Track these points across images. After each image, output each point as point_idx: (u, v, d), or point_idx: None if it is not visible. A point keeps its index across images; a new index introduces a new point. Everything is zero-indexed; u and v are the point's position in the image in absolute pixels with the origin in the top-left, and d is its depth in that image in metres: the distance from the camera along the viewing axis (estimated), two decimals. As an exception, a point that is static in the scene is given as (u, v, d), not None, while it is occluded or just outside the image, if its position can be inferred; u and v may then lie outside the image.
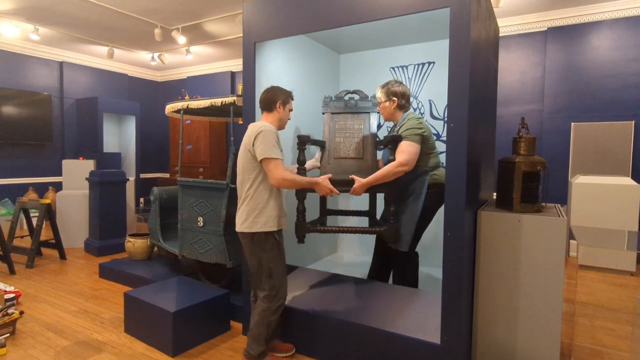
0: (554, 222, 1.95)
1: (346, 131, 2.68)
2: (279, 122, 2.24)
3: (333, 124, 2.72)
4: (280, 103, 2.23)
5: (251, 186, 2.11)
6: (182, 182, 3.10)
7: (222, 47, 6.26)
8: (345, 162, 2.59)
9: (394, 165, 2.29)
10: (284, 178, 2.05)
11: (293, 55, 3.06)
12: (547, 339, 1.98)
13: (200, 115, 3.73)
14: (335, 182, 2.33)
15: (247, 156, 2.11)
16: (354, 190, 2.32)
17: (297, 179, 2.15)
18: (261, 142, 2.03)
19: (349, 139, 2.66)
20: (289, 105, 2.29)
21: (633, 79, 4.42)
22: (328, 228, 2.53)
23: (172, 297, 2.54)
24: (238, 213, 2.17)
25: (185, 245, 3.10)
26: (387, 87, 2.56)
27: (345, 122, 2.70)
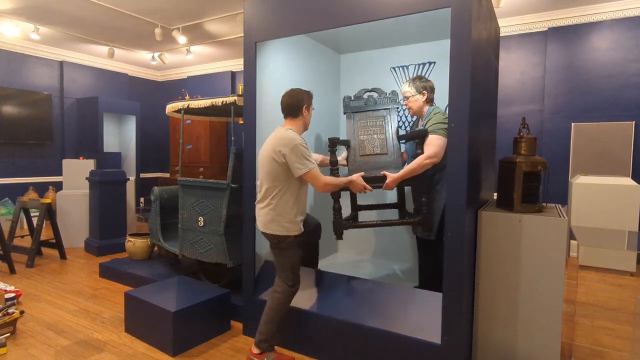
0: (554, 222, 1.95)
1: (368, 129, 2.76)
2: (304, 127, 2.29)
3: (355, 123, 2.79)
4: (305, 107, 2.26)
5: (278, 193, 2.15)
6: (183, 181, 3.10)
7: (222, 47, 6.26)
8: (371, 159, 2.67)
9: (423, 158, 2.36)
10: (327, 183, 2.18)
11: (294, 55, 3.06)
12: (547, 339, 1.98)
13: (201, 115, 3.73)
14: (366, 179, 2.41)
15: (274, 165, 2.12)
16: (387, 186, 2.42)
17: (336, 182, 2.28)
18: (296, 159, 2.07)
19: (372, 136, 2.73)
20: (311, 106, 2.32)
21: (633, 79, 4.42)
22: (364, 223, 2.65)
23: (172, 296, 2.54)
24: (262, 212, 2.21)
25: (186, 245, 3.10)
26: (417, 82, 2.61)
27: (366, 120, 2.79)
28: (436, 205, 2.53)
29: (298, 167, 2.07)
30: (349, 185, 2.35)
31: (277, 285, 2.25)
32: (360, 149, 2.74)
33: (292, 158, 2.07)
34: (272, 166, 2.13)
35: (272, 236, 2.18)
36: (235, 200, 2.86)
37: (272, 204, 2.16)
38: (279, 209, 2.15)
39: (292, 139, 2.09)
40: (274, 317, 2.22)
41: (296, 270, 2.26)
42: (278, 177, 2.13)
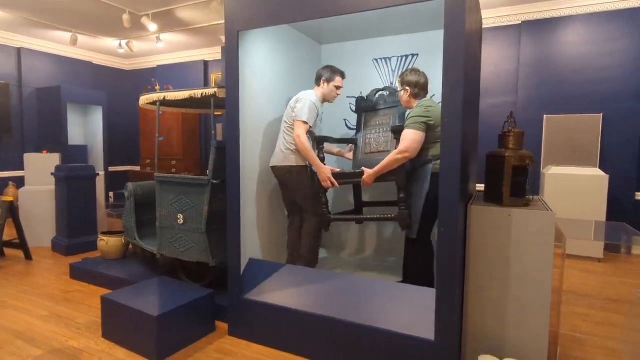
0: (543, 215, 1.98)
1: (375, 127, 2.87)
2: (322, 96, 2.86)
3: (365, 122, 2.94)
4: (324, 80, 2.83)
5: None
6: (160, 177, 2.95)
7: (195, 35, 6.01)
8: (373, 157, 2.76)
9: (395, 153, 2.38)
10: (302, 142, 2.65)
11: (276, 46, 2.96)
12: (536, 329, 2.02)
13: (178, 107, 3.56)
14: (345, 174, 2.62)
15: (292, 118, 2.75)
16: (364, 182, 2.53)
17: (307, 148, 2.66)
18: (300, 107, 2.69)
19: (378, 134, 2.84)
20: (334, 82, 2.84)
21: (601, 73, 4.57)
22: (347, 217, 2.84)
23: (154, 299, 2.42)
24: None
25: (165, 244, 2.97)
26: (402, 77, 2.60)
27: (375, 119, 2.90)
28: (416, 202, 2.49)
29: (297, 113, 2.67)
30: (317, 171, 2.69)
31: (309, 218, 2.83)
32: (366, 147, 2.85)
33: (299, 106, 2.69)
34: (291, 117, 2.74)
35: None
36: (217, 196, 2.75)
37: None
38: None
39: (307, 97, 2.72)
40: (313, 244, 2.87)
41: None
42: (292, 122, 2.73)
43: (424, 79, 2.58)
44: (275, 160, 2.84)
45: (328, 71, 2.83)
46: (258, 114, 2.79)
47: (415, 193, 2.49)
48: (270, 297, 2.43)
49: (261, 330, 2.40)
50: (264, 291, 2.48)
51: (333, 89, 2.84)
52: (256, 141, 2.80)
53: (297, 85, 3.25)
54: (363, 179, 2.51)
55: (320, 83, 2.84)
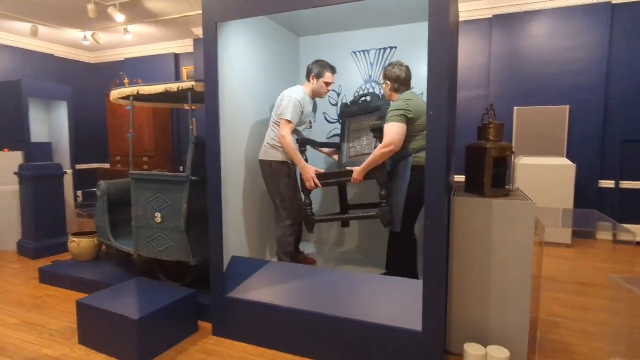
0: (524, 205, 2.03)
1: (360, 131, 2.87)
2: (312, 92, 2.84)
3: (349, 126, 2.96)
4: (313, 76, 2.79)
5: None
6: (136, 175, 2.84)
7: (165, 27, 5.80)
8: (358, 160, 2.76)
9: (379, 148, 2.38)
10: (288, 142, 2.64)
11: (254, 38, 2.89)
12: (517, 316, 2.08)
13: (152, 102, 3.42)
14: (335, 174, 2.66)
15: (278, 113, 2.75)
16: (354, 179, 2.53)
17: (292, 147, 2.66)
18: (285, 106, 2.68)
19: (362, 138, 2.85)
20: (324, 78, 2.79)
21: (567, 66, 4.74)
22: (331, 218, 2.86)
23: (133, 302, 2.33)
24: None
25: (142, 244, 2.86)
26: (385, 71, 2.60)
27: (359, 123, 2.90)
28: (398, 197, 2.50)
29: (281, 111, 2.67)
30: (301, 170, 2.70)
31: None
32: (350, 151, 2.89)
33: (284, 104, 2.68)
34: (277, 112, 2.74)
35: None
36: (197, 193, 2.68)
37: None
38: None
39: (292, 94, 2.69)
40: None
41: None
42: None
43: (405, 73, 2.57)
44: (260, 153, 2.86)
45: (317, 66, 2.79)
46: (238, 108, 2.72)
47: (397, 187, 2.51)
48: (255, 294, 2.39)
49: (246, 329, 2.36)
50: (248, 289, 2.43)
51: (323, 85, 2.81)
52: (237, 136, 2.74)
53: (276, 77, 3.20)
54: (353, 177, 2.52)
55: (310, 79, 2.81)
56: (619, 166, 4.64)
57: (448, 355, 2.21)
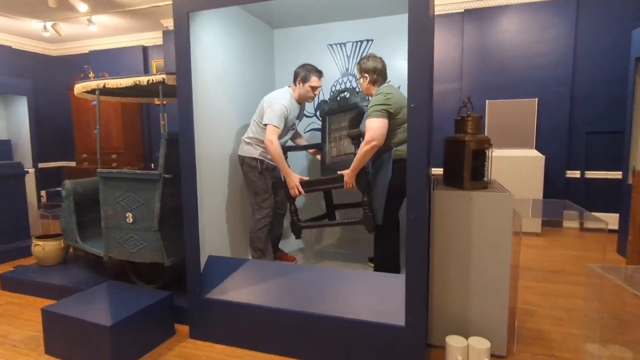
0: (502, 197, 2.05)
1: (341, 130, 2.85)
2: (299, 96, 2.79)
3: (329, 125, 2.92)
4: (299, 80, 2.74)
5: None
6: (104, 173, 2.69)
7: (132, 17, 5.54)
8: (341, 160, 2.79)
9: (362, 145, 2.36)
10: (273, 148, 2.61)
11: (228, 29, 2.78)
12: (497, 306, 2.11)
13: (119, 95, 3.26)
14: (326, 180, 2.63)
15: (261, 113, 2.71)
16: (346, 184, 2.53)
17: (278, 153, 2.63)
18: (269, 111, 2.64)
19: (343, 137, 2.83)
20: (310, 82, 2.72)
21: (536, 60, 4.86)
22: (316, 224, 2.86)
23: (104, 307, 2.21)
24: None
25: (112, 245, 2.73)
26: (359, 64, 2.56)
27: (339, 121, 2.88)
28: (380, 190, 2.51)
29: (268, 118, 2.63)
30: (286, 178, 2.67)
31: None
32: (332, 151, 2.87)
33: (267, 111, 2.64)
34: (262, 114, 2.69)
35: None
36: (170, 192, 2.57)
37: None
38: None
39: (276, 99, 2.67)
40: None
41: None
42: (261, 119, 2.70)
43: (381, 64, 2.55)
44: (239, 148, 2.85)
45: (303, 70, 2.74)
46: (212, 102, 2.62)
47: (378, 180, 2.50)
48: (233, 294, 2.32)
49: (225, 330, 2.30)
50: (226, 289, 2.36)
51: (309, 89, 2.75)
52: (211, 130, 2.63)
53: (250, 70, 3.11)
54: (345, 181, 2.53)
55: (297, 82, 2.77)
56: (584, 157, 4.82)
57: (430, 348, 2.22)
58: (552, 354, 2.22)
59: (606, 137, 4.72)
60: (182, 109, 2.22)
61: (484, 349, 1.98)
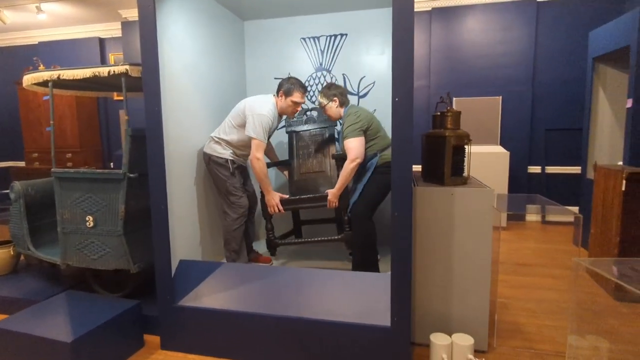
0: (483, 192, 2.05)
1: (308, 147, 2.95)
2: (280, 109, 2.64)
3: (297, 142, 2.98)
4: (282, 92, 2.59)
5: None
6: (59, 173, 2.46)
7: (87, 6, 5.17)
8: (310, 177, 2.88)
9: (347, 164, 2.49)
10: (260, 167, 2.53)
11: (196, 19, 2.62)
12: (478, 301, 2.11)
13: (76, 89, 3.00)
14: (310, 199, 2.62)
15: (240, 119, 2.59)
16: (330, 202, 2.58)
17: (263, 172, 2.56)
18: (253, 122, 2.50)
19: (311, 154, 2.93)
20: (292, 97, 2.57)
21: (500, 59, 5.01)
22: (294, 242, 2.83)
23: (63, 321, 2.01)
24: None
25: (71, 252, 2.50)
26: (327, 91, 2.68)
27: (306, 138, 2.97)
28: (361, 186, 2.58)
29: (250, 129, 2.51)
30: (266, 196, 2.62)
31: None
32: (301, 167, 2.92)
33: (250, 121, 2.51)
34: (239, 117, 2.59)
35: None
36: (136, 192, 2.39)
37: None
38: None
39: (262, 110, 2.52)
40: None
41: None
42: (240, 123, 2.59)
43: (342, 88, 2.72)
44: (205, 145, 2.69)
45: (287, 83, 2.59)
46: (180, 95, 2.45)
47: (364, 179, 2.59)
48: (208, 300, 2.19)
49: (199, 339, 2.16)
50: (199, 295, 2.22)
51: (290, 104, 2.60)
52: (181, 125, 2.47)
53: (220, 64, 2.95)
54: (329, 200, 2.58)
55: (279, 94, 2.62)
56: (544, 153, 5.02)
57: (413, 346, 2.20)
58: (531, 347, 2.26)
59: (565, 134, 4.93)
60: (149, 103, 2.05)
61: (468, 346, 1.97)
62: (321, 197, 2.60)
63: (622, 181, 2.82)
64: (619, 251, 2.89)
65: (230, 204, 2.65)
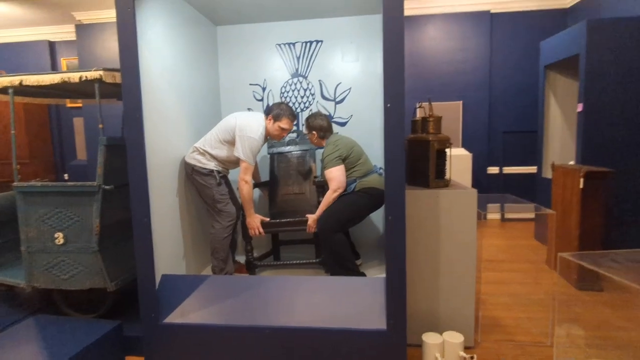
0: (467, 194, 2.14)
1: (289, 169, 3.00)
2: (267, 131, 2.62)
3: (277, 163, 3.03)
4: (271, 116, 2.59)
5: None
6: (23, 188, 2.26)
7: (35, 8, 4.82)
8: (290, 198, 2.93)
9: (329, 194, 2.54)
10: (247, 190, 2.54)
11: (172, 23, 2.51)
12: (464, 299, 2.19)
13: (35, 96, 2.78)
14: (290, 222, 2.64)
15: (229, 135, 2.55)
16: (310, 227, 2.60)
17: (250, 195, 2.58)
18: (242, 145, 2.49)
19: (292, 176, 2.98)
20: (280, 122, 2.57)
21: (459, 66, 5.27)
22: (274, 263, 2.87)
23: (35, 351, 1.84)
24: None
25: (37, 273, 2.30)
26: (308, 122, 2.75)
27: (288, 161, 3.03)
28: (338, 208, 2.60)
29: (240, 151, 2.49)
30: (247, 218, 2.62)
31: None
32: (280, 189, 2.96)
33: (239, 142, 2.49)
34: (227, 136, 2.55)
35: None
36: (111, 205, 2.25)
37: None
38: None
39: (252, 133, 2.50)
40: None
41: None
42: (228, 139, 2.56)
43: (326, 122, 2.74)
44: (187, 154, 2.61)
45: (277, 109, 2.58)
46: (159, 102, 2.33)
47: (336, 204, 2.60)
48: (195, 316, 2.09)
49: (188, 357, 2.06)
50: (186, 311, 2.12)
51: (278, 129, 2.60)
52: (160, 134, 2.34)
53: (195, 69, 2.86)
54: (309, 225, 2.60)
55: (267, 117, 2.61)
56: (502, 154, 5.32)
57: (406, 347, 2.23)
58: (511, 339, 2.37)
59: (520, 136, 5.26)
60: (130, 110, 1.94)
61: (459, 343, 2.03)
62: (301, 221, 2.62)
63: (580, 179, 3.05)
64: (579, 243, 3.12)
65: (219, 212, 2.57)
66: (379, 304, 1.96)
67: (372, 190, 2.55)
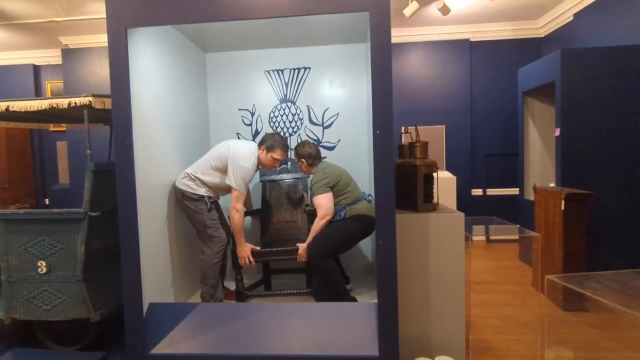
0: (455, 217, 2.18)
1: (281, 197, 3.03)
2: (259, 161, 2.66)
3: (269, 191, 3.06)
4: (262, 148, 2.63)
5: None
6: (5, 215, 2.20)
7: (20, 32, 4.82)
8: (281, 227, 2.95)
9: (317, 221, 2.57)
10: (237, 210, 2.52)
11: (162, 50, 2.55)
12: (454, 323, 2.20)
13: (21, 120, 2.73)
14: (281, 251, 2.65)
15: (221, 163, 2.57)
16: (300, 256, 2.60)
17: (241, 224, 2.56)
18: (234, 173, 2.51)
19: (283, 204, 3.01)
20: (273, 153, 2.62)
21: (441, 91, 5.44)
22: (264, 293, 2.85)
23: (16, 384, 1.76)
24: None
25: (17, 304, 2.21)
26: (297, 150, 2.80)
27: (280, 189, 3.06)
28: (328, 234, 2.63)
29: (233, 179, 2.50)
30: (238, 247, 2.61)
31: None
32: (273, 217, 2.98)
33: (231, 171, 2.51)
34: (221, 163, 2.56)
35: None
36: (97, 231, 2.20)
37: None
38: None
39: (246, 159, 2.53)
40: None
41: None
42: (222, 166, 2.57)
43: (314, 150, 2.80)
44: (178, 180, 2.60)
45: (270, 140, 2.64)
46: (148, 128, 2.34)
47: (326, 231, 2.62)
48: (184, 346, 2.04)
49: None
50: (175, 341, 2.06)
51: (270, 159, 2.64)
52: (149, 160, 2.33)
53: (185, 95, 2.89)
54: (299, 254, 2.60)
55: (260, 148, 2.65)
56: (484, 177, 5.45)
57: (397, 373, 2.21)
58: (502, 362, 2.37)
59: (502, 159, 5.41)
60: (120, 137, 1.94)
61: (451, 367, 2.03)
62: (292, 250, 2.63)
63: (562, 201, 3.14)
64: (563, 264, 3.18)
65: (209, 237, 2.55)
66: (370, 330, 1.95)
67: (361, 217, 2.58)
